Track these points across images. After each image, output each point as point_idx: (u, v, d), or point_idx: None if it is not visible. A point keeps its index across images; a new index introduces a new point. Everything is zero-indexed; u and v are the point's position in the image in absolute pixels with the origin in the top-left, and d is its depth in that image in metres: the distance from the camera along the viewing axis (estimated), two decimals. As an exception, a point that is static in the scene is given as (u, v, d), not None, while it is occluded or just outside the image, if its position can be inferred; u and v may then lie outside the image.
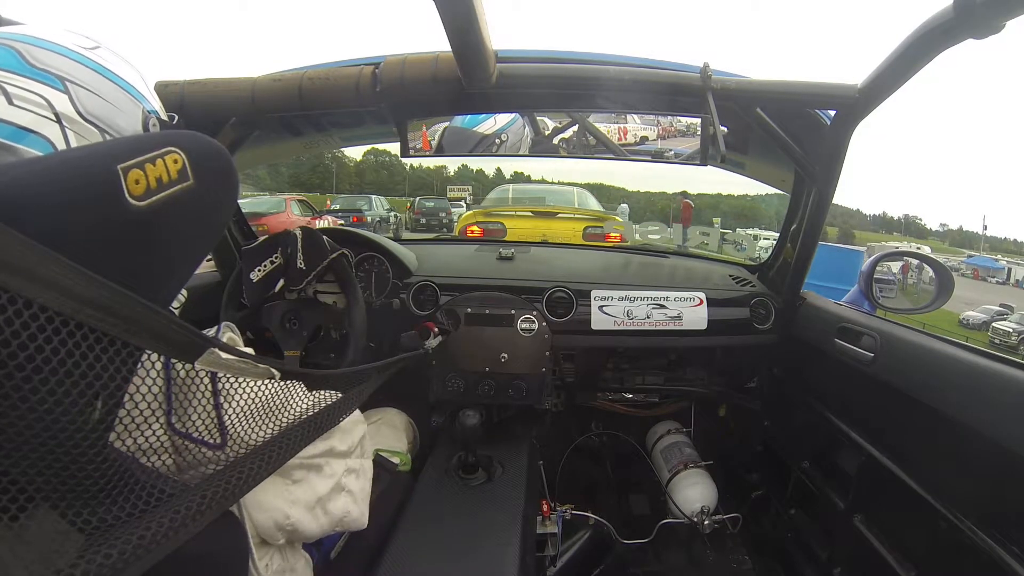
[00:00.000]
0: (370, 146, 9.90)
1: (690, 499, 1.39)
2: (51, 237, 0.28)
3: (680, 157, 1.09)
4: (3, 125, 0.38)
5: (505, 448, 1.17)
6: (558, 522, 1.15)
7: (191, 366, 0.42)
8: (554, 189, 6.12)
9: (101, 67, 0.46)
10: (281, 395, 0.52)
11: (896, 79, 0.87)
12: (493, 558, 0.84)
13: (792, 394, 1.32)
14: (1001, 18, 0.66)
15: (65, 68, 0.43)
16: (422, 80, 0.94)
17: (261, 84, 0.98)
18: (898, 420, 0.95)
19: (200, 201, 0.40)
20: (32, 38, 0.43)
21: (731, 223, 16.28)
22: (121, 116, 0.46)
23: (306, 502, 0.63)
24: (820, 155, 1.08)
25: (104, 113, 0.44)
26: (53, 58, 0.43)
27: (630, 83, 0.98)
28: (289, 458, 0.49)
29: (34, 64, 0.41)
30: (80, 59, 0.45)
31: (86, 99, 0.43)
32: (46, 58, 0.42)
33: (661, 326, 1.30)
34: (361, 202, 12.46)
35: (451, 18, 0.70)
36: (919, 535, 0.88)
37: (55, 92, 0.41)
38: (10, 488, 0.28)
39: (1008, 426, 0.71)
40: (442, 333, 1.19)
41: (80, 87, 0.43)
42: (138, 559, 0.31)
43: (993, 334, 16.96)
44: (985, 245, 67.30)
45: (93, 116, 0.43)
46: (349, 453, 0.74)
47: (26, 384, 0.27)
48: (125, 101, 0.47)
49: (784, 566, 1.30)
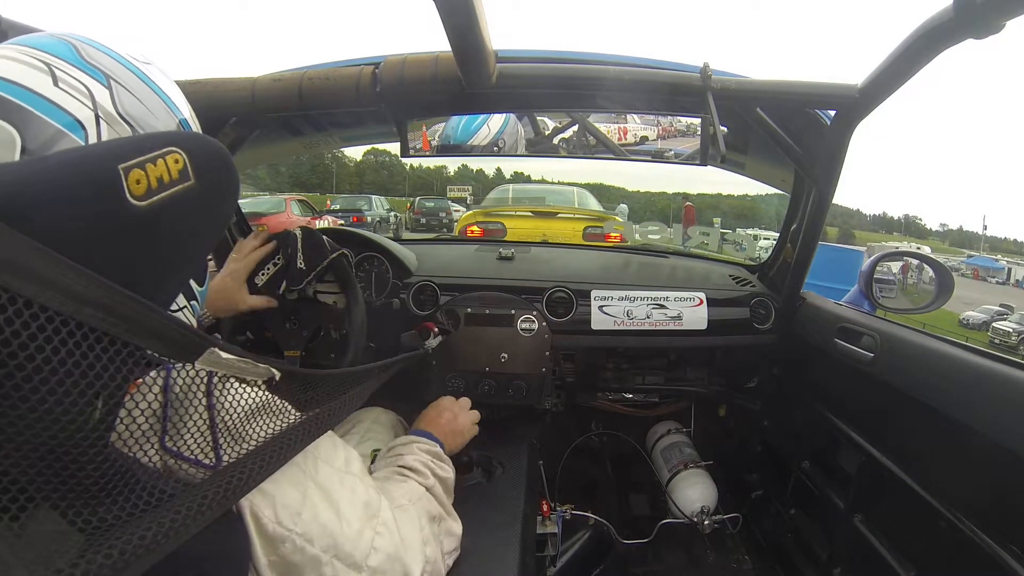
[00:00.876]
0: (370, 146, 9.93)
1: (690, 499, 1.40)
2: (52, 237, 0.28)
3: (680, 157, 1.09)
4: (59, 111, 0.40)
5: (505, 448, 1.17)
6: (558, 522, 1.15)
7: (187, 384, 0.42)
8: (554, 189, 6.13)
9: (147, 78, 0.48)
10: (279, 401, 0.52)
11: (896, 79, 0.87)
12: (493, 558, 0.84)
13: (792, 394, 1.32)
14: (1001, 18, 0.66)
15: (113, 69, 0.45)
16: (422, 80, 0.94)
17: (261, 84, 0.98)
18: (898, 420, 0.95)
19: (201, 201, 0.40)
20: (90, 40, 0.46)
21: (731, 223, 16.28)
22: (156, 121, 0.47)
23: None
24: (820, 155, 1.08)
25: (140, 115, 0.45)
26: (104, 58, 0.45)
27: (630, 83, 0.98)
28: (290, 458, 0.49)
29: (85, 59, 0.43)
30: (129, 66, 0.47)
31: (126, 99, 0.45)
32: (98, 56, 0.45)
33: (661, 326, 1.30)
34: (361, 202, 12.48)
35: (451, 18, 0.70)
36: (919, 535, 0.88)
37: (99, 86, 0.43)
38: (10, 488, 0.28)
39: (1008, 426, 0.71)
40: (442, 333, 1.19)
41: (123, 88, 0.45)
42: (138, 559, 0.31)
43: (993, 334, 16.99)
44: (985, 245, 67.32)
45: (129, 116, 0.44)
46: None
47: (26, 384, 0.27)
48: (162, 111, 0.49)
49: (784, 566, 1.30)
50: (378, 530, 0.58)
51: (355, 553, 0.54)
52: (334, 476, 0.56)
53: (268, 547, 0.49)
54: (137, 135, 0.45)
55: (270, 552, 0.49)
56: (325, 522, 0.52)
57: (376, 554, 0.56)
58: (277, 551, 0.50)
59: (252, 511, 0.48)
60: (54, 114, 0.39)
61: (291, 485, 0.51)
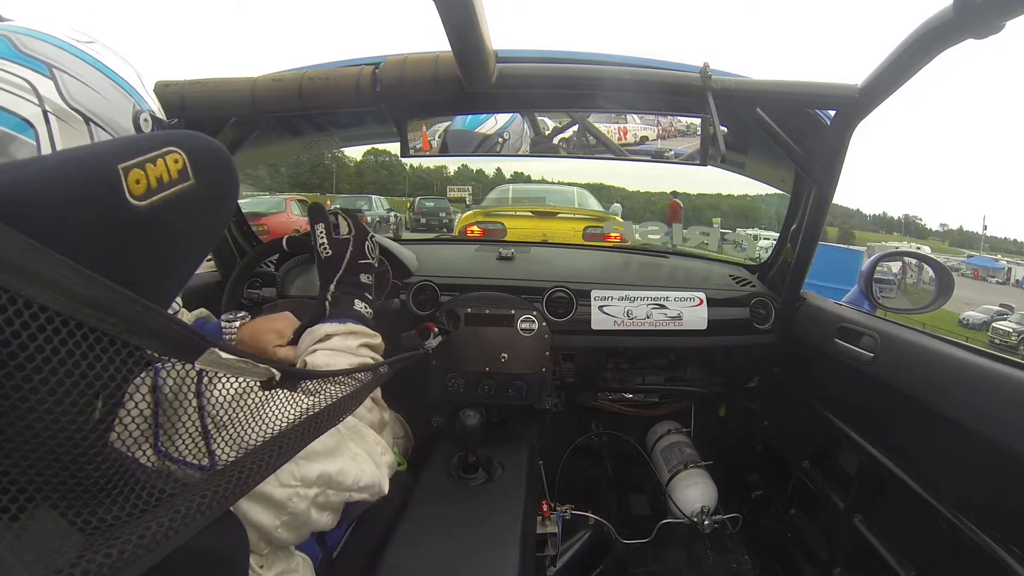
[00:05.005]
0: (370, 146, 9.91)
1: (690, 499, 1.40)
2: (51, 237, 0.28)
3: (680, 157, 1.09)
4: (3, 114, 0.38)
5: (505, 448, 1.17)
6: (558, 522, 1.15)
7: (177, 384, 0.42)
8: (554, 189, 6.12)
9: (92, 59, 0.46)
10: (275, 400, 0.52)
11: (896, 79, 0.87)
12: (493, 558, 0.84)
13: (792, 394, 1.32)
14: (1001, 18, 0.66)
15: (53, 56, 0.43)
16: (422, 80, 0.94)
17: (261, 84, 0.98)
18: (898, 420, 0.95)
19: (201, 201, 0.40)
20: (25, 28, 0.43)
21: (731, 223, 16.27)
22: (109, 107, 0.45)
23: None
24: (820, 155, 1.08)
25: (90, 102, 0.44)
26: (43, 46, 0.43)
27: (630, 83, 0.98)
28: (290, 458, 0.48)
29: (23, 51, 0.41)
30: (71, 49, 0.45)
31: (72, 87, 0.43)
32: (36, 46, 0.42)
33: (661, 326, 1.30)
34: (361, 202, 12.48)
35: (451, 18, 0.70)
36: (919, 535, 0.88)
37: (40, 77, 0.41)
38: (10, 488, 0.28)
39: (1008, 426, 0.71)
40: (442, 333, 1.19)
41: (67, 75, 0.43)
42: (138, 559, 0.31)
43: (993, 334, 16.98)
44: (985, 245, 67.36)
45: (78, 104, 0.43)
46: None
47: (26, 384, 0.27)
48: (114, 93, 0.47)
49: (784, 566, 1.30)
50: (356, 456, 0.69)
51: (346, 481, 0.65)
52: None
53: (279, 511, 0.55)
54: (137, 135, 0.44)
55: (281, 514, 0.55)
56: (320, 468, 0.61)
57: (364, 476, 0.69)
58: (287, 510, 0.55)
59: (261, 492, 0.52)
60: (20, 128, 0.38)
61: None
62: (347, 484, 0.65)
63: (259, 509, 0.54)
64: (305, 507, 0.59)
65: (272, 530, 0.55)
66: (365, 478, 0.69)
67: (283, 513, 0.56)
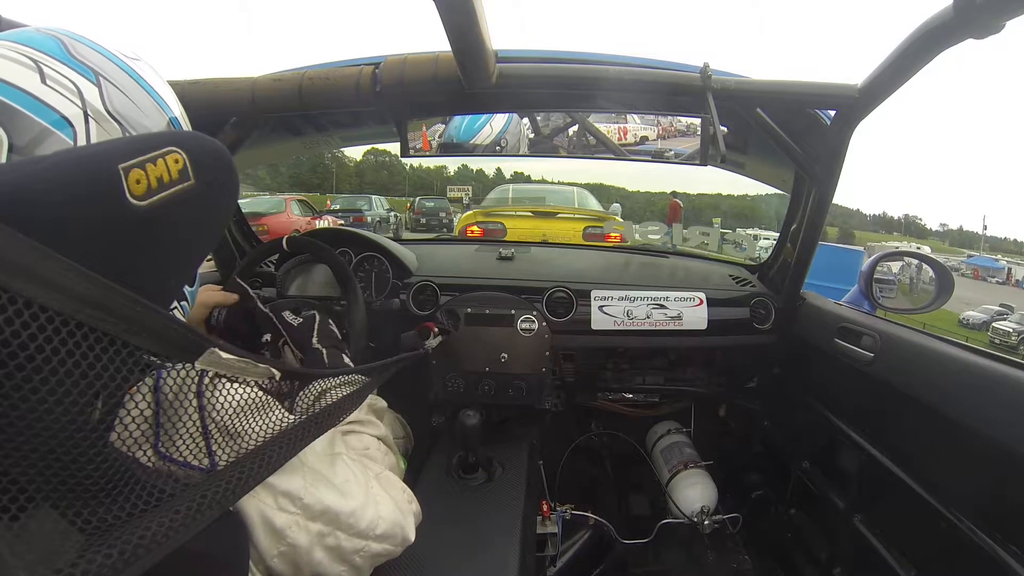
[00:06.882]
0: (370, 146, 9.91)
1: (690, 499, 1.39)
2: (51, 237, 0.28)
3: (680, 157, 1.09)
4: (47, 109, 0.39)
5: (505, 448, 1.17)
6: (558, 522, 1.15)
7: (178, 385, 0.42)
8: (554, 189, 6.13)
9: (137, 75, 0.48)
10: (272, 400, 0.52)
11: (896, 79, 0.87)
12: (493, 558, 0.84)
13: (792, 394, 1.32)
14: (1001, 18, 0.66)
15: (102, 66, 0.45)
16: (422, 80, 0.94)
17: (261, 84, 0.98)
18: (898, 420, 0.95)
19: (201, 201, 0.40)
20: (78, 35, 0.45)
21: (731, 223, 16.28)
22: (147, 120, 0.47)
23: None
24: (820, 155, 1.08)
25: (130, 113, 0.45)
26: (93, 54, 0.44)
27: (630, 83, 0.98)
28: (289, 458, 0.49)
29: (73, 55, 0.43)
30: (118, 62, 0.46)
31: (116, 97, 0.44)
32: (86, 52, 0.44)
33: (661, 326, 1.30)
34: (361, 202, 12.48)
35: (451, 18, 0.70)
36: (919, 535, 0.88)
37: (87, 83, 0.42)
38: (10, 488, 0.28)
39: (1008, 426, 0.71)
40: (442, 333, 1.19)
41: (112, 85, 0.44)
42: (138, 559, 0.31)
43: (993, 334, 16.99)
44: (985, 245, 67.35)
45: (118, 114, 0.44)
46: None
47: (26, 384, 0.27)
48: (152, 109, 0.48)
49: (784, 566, 1.30)
50: (377, 500, 0.64)
51: (359, 524, 0.59)
52: (323, 459, 0.60)
53: (277, 539, 0.51)
54: (137, 135, 0.44)
55: (280, 544, 0.52)
56: (329, 503, 0.56)
57: (383, 522, 0.63)
58: (285, 539, 0.52)
59: (261, 513, 0.49)
60: (42, 112, 0.39)
61: (289, 473, 0.53)
62: (360, 528, 0.59)
63: (260, 531, 0.50)
64: (307, 543, 0.53)
65: (268, 558, 0.51)
66: (383, 525, 0.62)
67: (281, 543, 0.52)
